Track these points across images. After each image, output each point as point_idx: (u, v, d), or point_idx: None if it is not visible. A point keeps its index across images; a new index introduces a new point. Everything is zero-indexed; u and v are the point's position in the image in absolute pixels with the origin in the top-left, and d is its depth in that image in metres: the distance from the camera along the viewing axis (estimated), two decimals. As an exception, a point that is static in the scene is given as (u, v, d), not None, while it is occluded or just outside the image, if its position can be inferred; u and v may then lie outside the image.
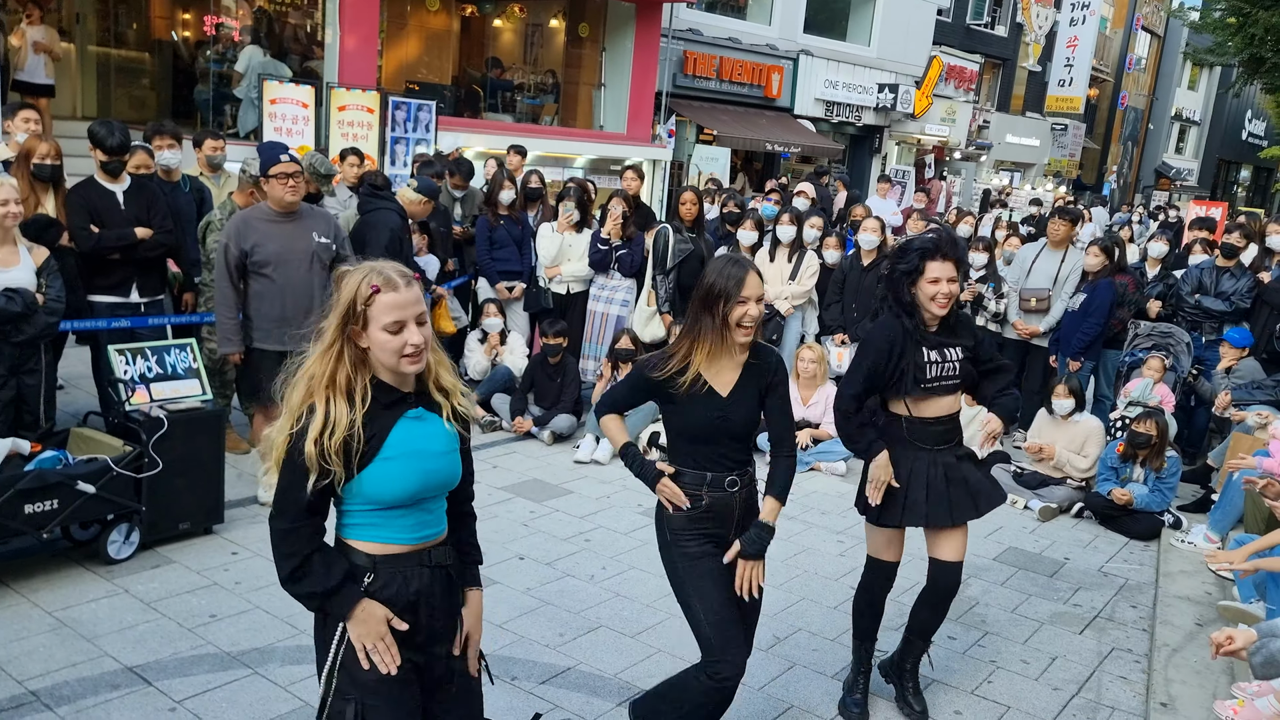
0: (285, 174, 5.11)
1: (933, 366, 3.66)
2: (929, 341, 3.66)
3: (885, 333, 3.68)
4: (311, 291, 5.26)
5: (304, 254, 5.30)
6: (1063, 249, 7.98)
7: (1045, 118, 30.02)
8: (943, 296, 3.56)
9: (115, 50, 13.02)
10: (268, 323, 5.29)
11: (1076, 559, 5.88)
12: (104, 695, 3.59)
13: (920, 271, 3.56)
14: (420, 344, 2.31)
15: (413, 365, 2.32)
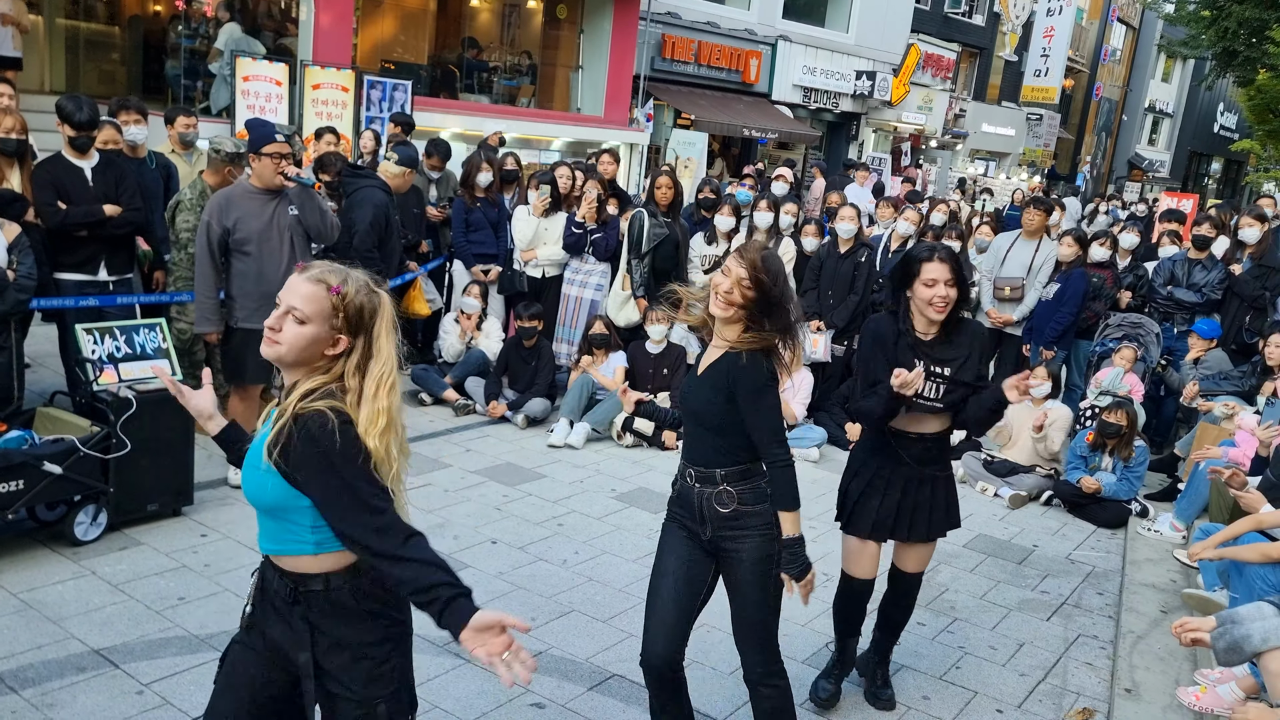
0: (278, 154, 5.08)
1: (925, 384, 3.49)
2: (921, 352, 3.51)
3: (875, 327, 3.64)
4: (288, 263, 5.22)
5: (283, 230, 5.27)
6: (1037, 238, 8.03)
7: (1021, 107, 30.17)
8: (939, 299, 3.42)
9: (85, 23, 12.78)
10: (251, 301, 5.25)
11: (1045, 546, 5.94)
12: (70, 678, 3.56)
13: (915, 274, 3.46)
14: (274, 327, 2.17)
15: (264, 346, 2.20)
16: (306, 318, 2.17)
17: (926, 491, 3.68)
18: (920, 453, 3.64)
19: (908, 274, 3.50)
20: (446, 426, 6.94)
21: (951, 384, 3.53)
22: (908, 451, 3.63)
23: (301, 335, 2.17)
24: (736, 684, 3.99)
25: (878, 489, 3.67)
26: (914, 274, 3.47)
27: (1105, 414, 6.50)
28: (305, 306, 2.17)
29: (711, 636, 4.37)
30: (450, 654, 3.98)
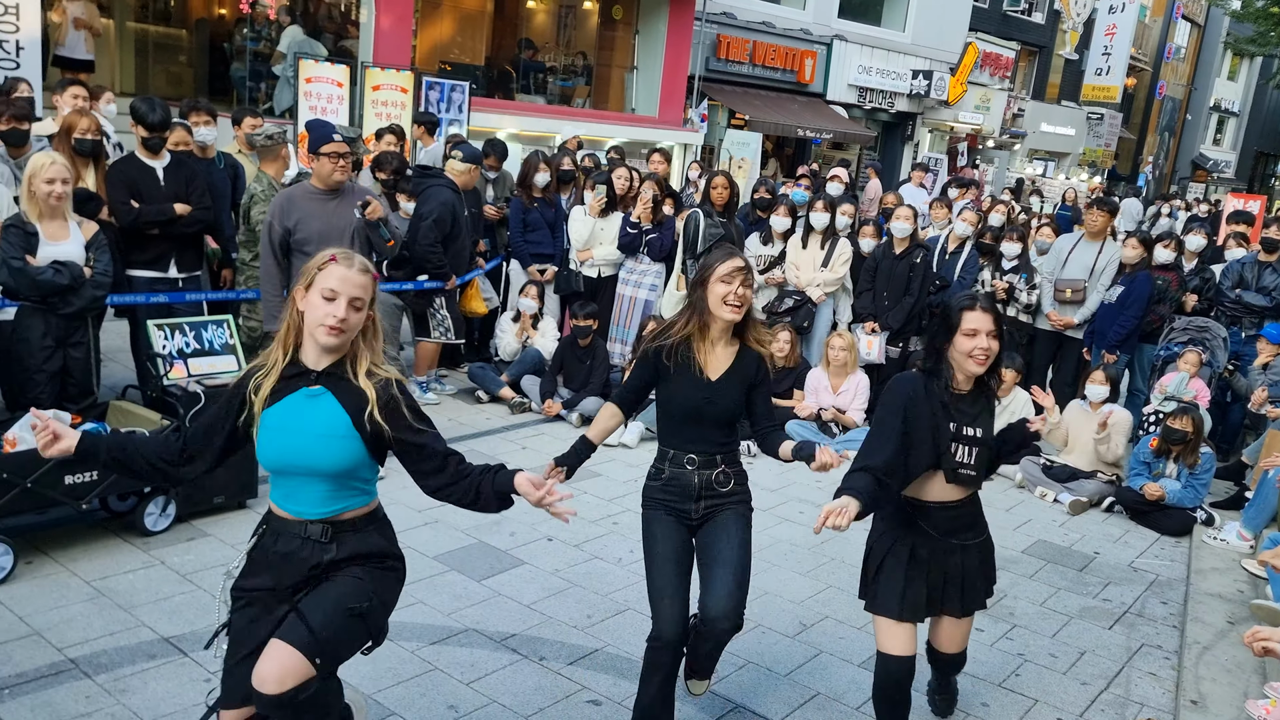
0: (336, 153, 5.15)
1: (959, 448, 3.23)
2: (957, 415, 3.23)
3: (903, 387, 3.26)
4: None
5: (345, 231, 5.35)
6: (1100, 240, 7.90)
7: (1081, 107, 29.63)
8: (980, 352, 3.14)
9: (153, 26, 13.11)
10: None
11: (1107, 554, 5.84)
12: (141, 664, 3.65)
13: (956, 324, 3.17)
14: (342, 318, 2.45)
15: (327, 336, 2.46)
16: (364, 304, 2.50)
17: (957, 561, 3.35)
18: (947, 522, 3.33)
19: (948, 325, 3.21)
20: (502, 424, 7.01)
21: (983, 446, 3.28)
22: (930, 523, 3.31)
23: (359, 320, 2.51)
24: (792, 686, 3.99)
25: (900, 562, 3.31)
26: (954, 325, 3.18)
27: (1170, 420, 6.37)
28: (364, 295, 2.50)
29: (767, 638, 4.37)
30: (508, 649, 4.03)
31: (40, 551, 4.41)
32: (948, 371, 3.23)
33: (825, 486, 6.45)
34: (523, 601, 4.44)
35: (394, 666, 3.81)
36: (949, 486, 3.29)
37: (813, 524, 3.01)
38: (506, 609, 4.37)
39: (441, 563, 4.72)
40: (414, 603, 4.32)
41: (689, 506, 3.34)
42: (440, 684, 3.74)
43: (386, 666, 3.80)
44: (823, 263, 7.82)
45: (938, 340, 3.25)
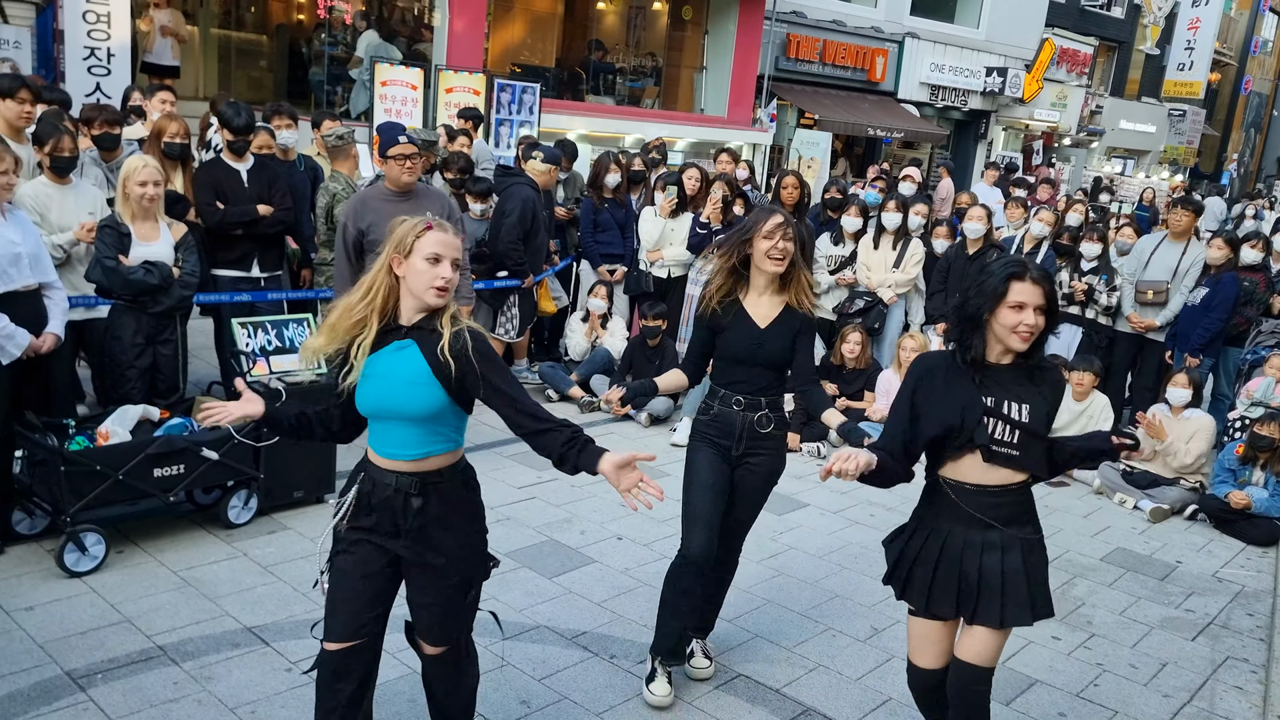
0: (403, 155, 5.23)
1: (997, 424, 2.87)
2: (989, 386, 2.89)
3: (917, 367, 3.04)
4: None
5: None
6: (1184, 240, 7.68)
7: (1162, 103, 28.82)
8: (1025, 329, 2.79)
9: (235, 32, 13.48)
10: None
11: (1189, 563, 5.68)
12: (225, 653, 3.77)
13: (1002, 293, 2.81)
14: (450, 279, 2.67)
15: (438, 297, 2.67)
16: (458, 262, 2.73)
17: (996, 560, 2.93)
18: (987, 509, 2.93)
19: (993, 293, 2.83)
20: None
21: (1029, 433, 2.89)
22: (968, 504, 2.94)
23: (458, 278, 2.73)
24: (863, 691, 3.97)
25: (932, 551, 3.01)
26: (1000, 293, 2.81)
27: (1256, 426, 6.18)
28: (459, 254, 2.73)
29: (838, 641, 4.34)
30: (579, 647, 4.06)
31: (131, 541, 4.57)
32: (979, 344, 2.86)
33: (897, 488, 6.36)
34: (593, 599, 4.48)
35: (468, 661, 3.87)
36: (989, 468, 2.90)
37: (884, 528, 3.00)
38: (577, 606, 4.41)
39: (514, 560, 4.78)
40: (486, 599, 4.35)
41: (730, 444, 3.66)
42: (512, 679, 3.79)
43: (460, 660, 3.86)
44: (894, 263, 7.74)
45: (975, 306, 2.84)
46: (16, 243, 4.19)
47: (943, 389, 2.92)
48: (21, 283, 4.21)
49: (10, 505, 4.40)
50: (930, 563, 3.00)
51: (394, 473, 2.74)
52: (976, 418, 2.87)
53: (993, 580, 2.92)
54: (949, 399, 2.89)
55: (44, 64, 9.57)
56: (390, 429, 2.73)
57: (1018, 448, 2.88)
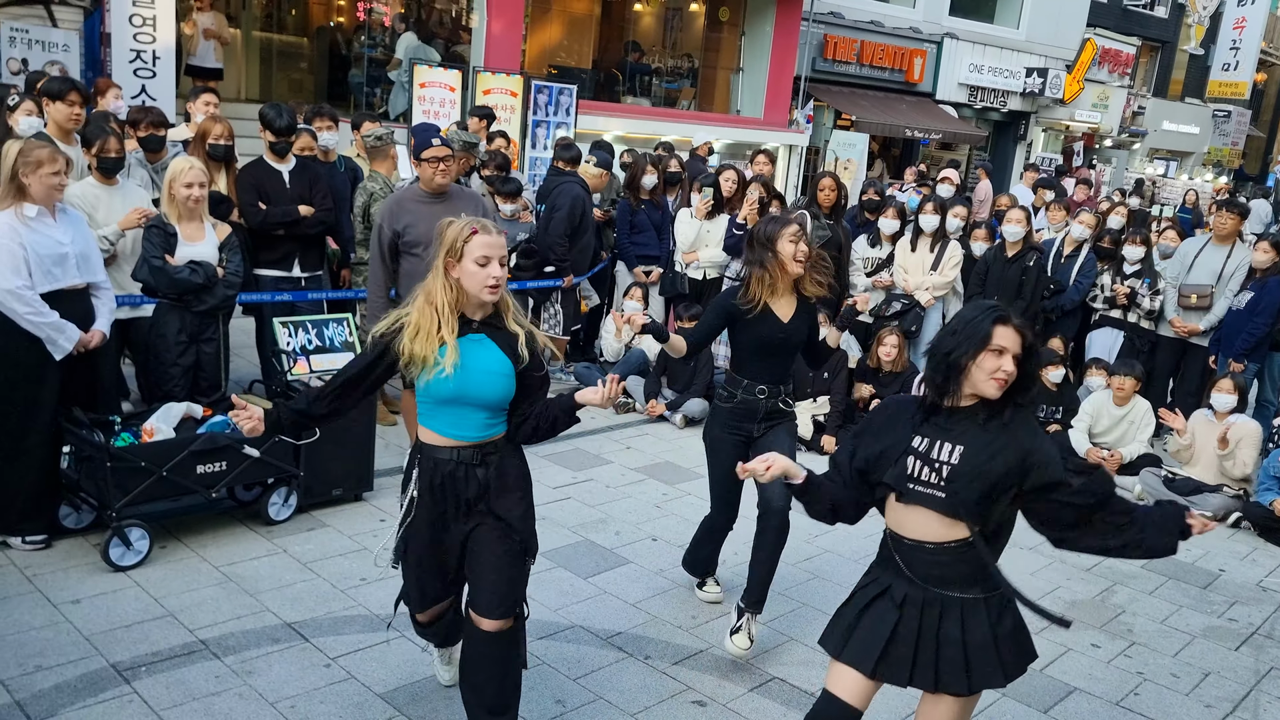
0: (436, 157, 5.26)
1: (914, 461, 2.68)
2: (931, 431, 2.69)
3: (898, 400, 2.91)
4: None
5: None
6: (1228, 244, 7.57)
7: (1206, 104, 28.36)
8: (1003, 374, 2.60)
9: (277, 35, 13.65)
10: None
11: (1233, 571, 5.59)
12: (266, 648, 3.82)
13: (987, 338, 2.61)
14: (500, 277, 2.94)
15: (492, 295, 2.96)
16: (504, 260, 2.99)
17: (953, 623, 2.69)
18: (925, 566, 2.70)
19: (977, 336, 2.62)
20: (607, 424, 7.08)
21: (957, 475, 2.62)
22: (910, 560, 2.73)
23: (505, 272, 2.99)
24: (898, 695, 3.94)
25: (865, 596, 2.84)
26: (985, 337, 2.61)
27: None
28: (504, 252, 2.99)
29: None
30: (614, 647, 4.08)
31: (174, 537, 4.64)
32: (956, 389, 2.65)
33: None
34: (628, 600, 4.49)
35: (503, 659, 3.90)
36: (925, 519, 2.67)
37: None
38: (612, 607, 4.42)
39: (549, 559, 4.80)
40: (522, 598, 4.41)
41: (751, 426, 4.16)
42: (548, 678, 3.81)
43: (496, 659, 3.89)
44: (932, 266, 7.69)
45: (957, 350, 2.63)
46: (64, 243, 4.27)
47: (888, 422, 2.78)
48: (67, 282, 4.30)
49: (58, 500, 4.48)
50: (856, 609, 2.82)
51: (455, 448, 3.02)
52: (897, 454, 2.70)
53: (926, 642, 2.70)
54: (886, 432, 2.75)
55: (91, 66, 9.75)
56: (462, 414, 3.00)
57: (942, 490, 2.63)
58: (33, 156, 4.11)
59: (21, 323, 4.13)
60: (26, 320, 4.14)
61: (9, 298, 4.09)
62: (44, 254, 4.18)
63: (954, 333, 2.68)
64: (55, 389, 4.32)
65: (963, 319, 2.70)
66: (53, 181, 4.17)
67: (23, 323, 4.13)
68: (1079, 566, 5.40)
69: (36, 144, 4.26)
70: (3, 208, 4.14)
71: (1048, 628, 3.26)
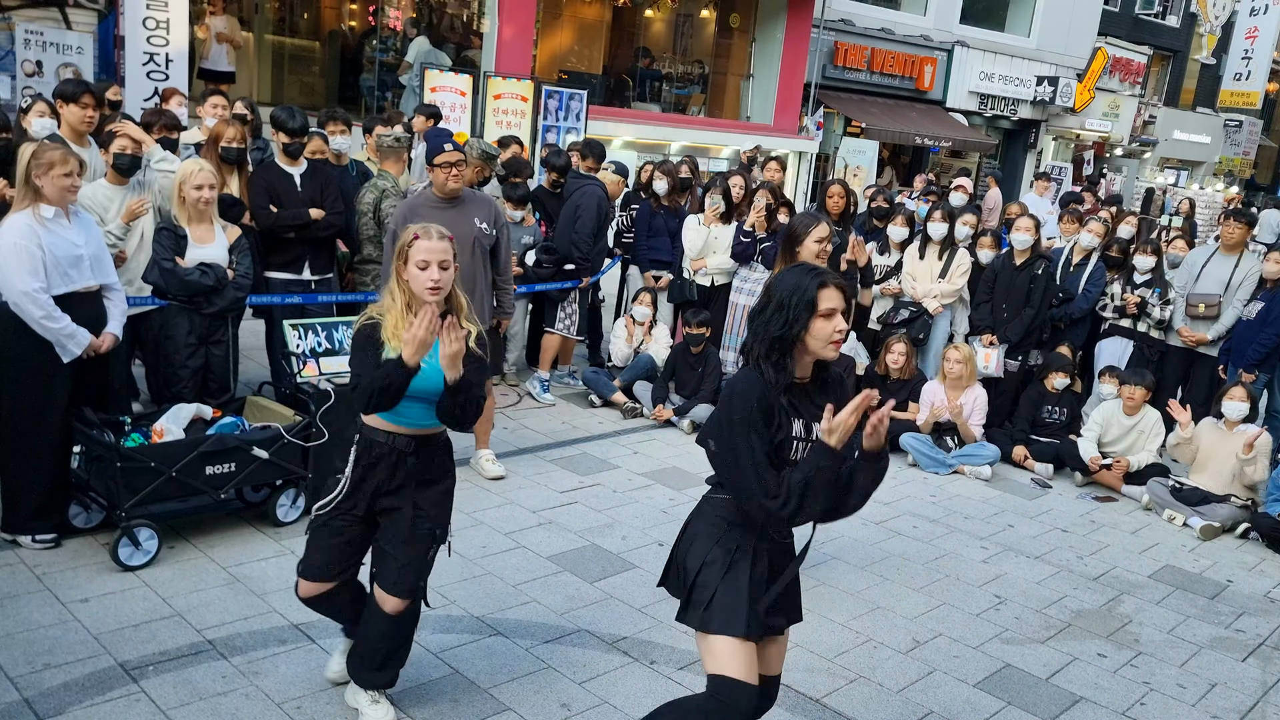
0: (448, 163, 5.30)
1: (799, 445, 2.78)
2: (805, 412, 2.78)
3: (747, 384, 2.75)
4: (474, 275, 5.46)
5: (466, 239, 5.49)
6: (1236, 253, 7.56)
7: (1218, 113, 28.28)
8: (839, 334, 2.71)
9: (289, 39, 13.71)
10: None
11: (1241, 582, 5.57)
12: (272, 649, 3.83)
13: (815, 304, 2.69)
14: (438, 280, 3.13)
15: (432, 295, 3.14)
16: (449, 262, 3.18)
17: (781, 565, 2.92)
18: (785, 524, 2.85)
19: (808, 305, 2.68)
20: (614, 429, 7.09)
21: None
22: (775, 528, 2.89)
23: (450, 274, 3.19)
24: (904, 703, 3.95)
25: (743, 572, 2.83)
26: (813, 305, 2.68)
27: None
28: (448, 255, 3.18)
29: (879, 653, 4.32)
30: (619, 651, 4.08)
31: (182, 537, 4.66)
32: (791, 363, 2.73)
33: (940, 500, 6.34)
34: (634, 605, 4.49)
35: (509, 663, 3.91)
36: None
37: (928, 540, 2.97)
38: (618, 611, 4.43)
39: (555, 563, 4.82)
40: (528, 601, 4.42)
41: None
42: (553, 682, 3.82)
43: (501, 663, 3.90)
44: (940, 273, 7.68)
45: (791, 329, 2.68)
46: (79, 245, 4.30)
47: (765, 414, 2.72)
48: (83, 284, 4.33)
49: (68, 499, 4.51)
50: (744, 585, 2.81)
51: (392, 434, 3.24)
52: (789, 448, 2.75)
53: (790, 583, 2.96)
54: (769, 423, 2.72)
55: (105, 69, 9.81)
56: (411, 404, 3.18)
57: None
58: (44, 158, 4.14)
59: (34, 326, 4.16)
60: (39, 324, 4.16)
61: (24, 300, 4.11)
62: (60, 255, 4.21)
63: (780, 308, 2.70)
64: (66, 389, 4.35)
65: (784, 291, 2.71)
66: (65, 183, 4.19)
67: (35, 326, 4.16)
68: (1085, 576, 5.39)
69: (48, 146, 4.29)
70: (20, 209, 4.17)
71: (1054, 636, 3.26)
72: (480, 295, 5.58)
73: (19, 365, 4.26)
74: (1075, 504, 6.61)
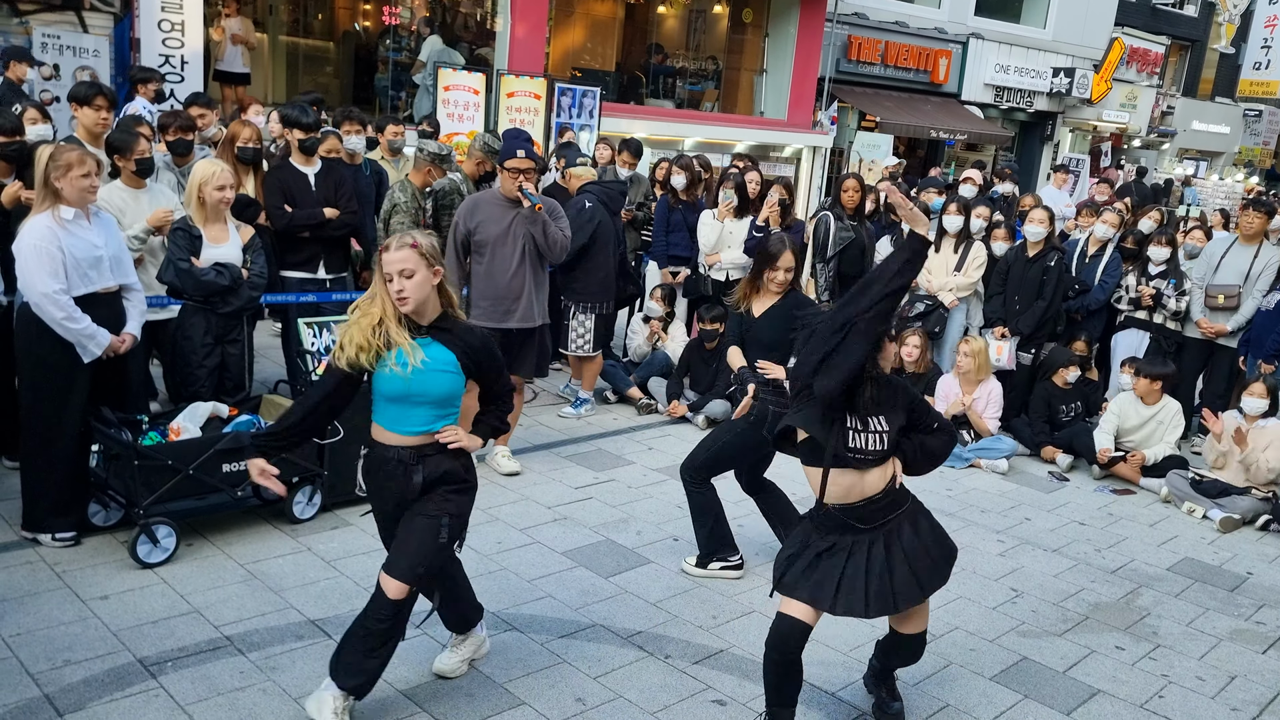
0: (517, 169, 5.37)
1: (855, 435, 3.24)
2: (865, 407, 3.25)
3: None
4: (523, 277, 5.54)
5: (518, 240, 5.54)
6: (1256, 243, 7.49)
7: (1237, 103, 28.03)
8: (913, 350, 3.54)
9: (303, 40, 13.77)
10: (484, 300, 5.62)
11: (1261, 574, 5.53)
12: (289, 644, 3.86)
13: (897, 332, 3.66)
14: (399, 289, 3.14)
15: (401, 305, 3.17)
16: (412, 271, 3.15)
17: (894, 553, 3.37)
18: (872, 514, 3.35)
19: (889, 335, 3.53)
20: (629, 425, 7.10)
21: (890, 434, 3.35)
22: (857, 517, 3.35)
23: (416, 283, 3.16)
24: (920, 696, 3.93)
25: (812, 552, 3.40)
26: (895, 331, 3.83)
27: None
28: (407, 265, 3.15)
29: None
30: (634, 646, 4.09)
31: (200, 535, 4.70)
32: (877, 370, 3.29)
33: (956, 494, 6.31)
34: (649, 599, 4.50)
35: (524, 658, 3.92)
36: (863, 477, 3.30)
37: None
38: (633, 606, 4.43)
39: (570, 559, 4.83)
40: (543, 596, 4.43)
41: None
42: (568, 676, 3.83)
43: (516, 657, 3.91)
44: (955, 266, 7.65)
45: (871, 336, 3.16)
46: (98, 246, 4.33)
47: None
48: (102, 284, 4.36)
49: (87, 498, 4.55)
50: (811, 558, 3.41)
51: (397, 446, 3.26)
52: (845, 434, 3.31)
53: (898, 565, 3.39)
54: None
55: (121, 72, 9.88)
56: (408, 410, 3.23)
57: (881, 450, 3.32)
58: (62, 160, 4.18)
59: (55, 327, 4.19)
60: (60, 325, 4.19)
61: (45, 301, 4.15)
62: (80, 257, 4.25)
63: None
64: (85, 389, 4.39)
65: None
66: (84, 184, 4.23)
67: (56, 327, 4.19)
68: (1103, 569, 5.36)
69: (66, 147, 4.33)
70: (40, 211, 4.21)
71: (1072, 629, 3.24)
72: (529, 296, 5.63)
73: (40, 365, 4.30)
74: (1093, 497, 6.57)
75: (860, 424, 3.23)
